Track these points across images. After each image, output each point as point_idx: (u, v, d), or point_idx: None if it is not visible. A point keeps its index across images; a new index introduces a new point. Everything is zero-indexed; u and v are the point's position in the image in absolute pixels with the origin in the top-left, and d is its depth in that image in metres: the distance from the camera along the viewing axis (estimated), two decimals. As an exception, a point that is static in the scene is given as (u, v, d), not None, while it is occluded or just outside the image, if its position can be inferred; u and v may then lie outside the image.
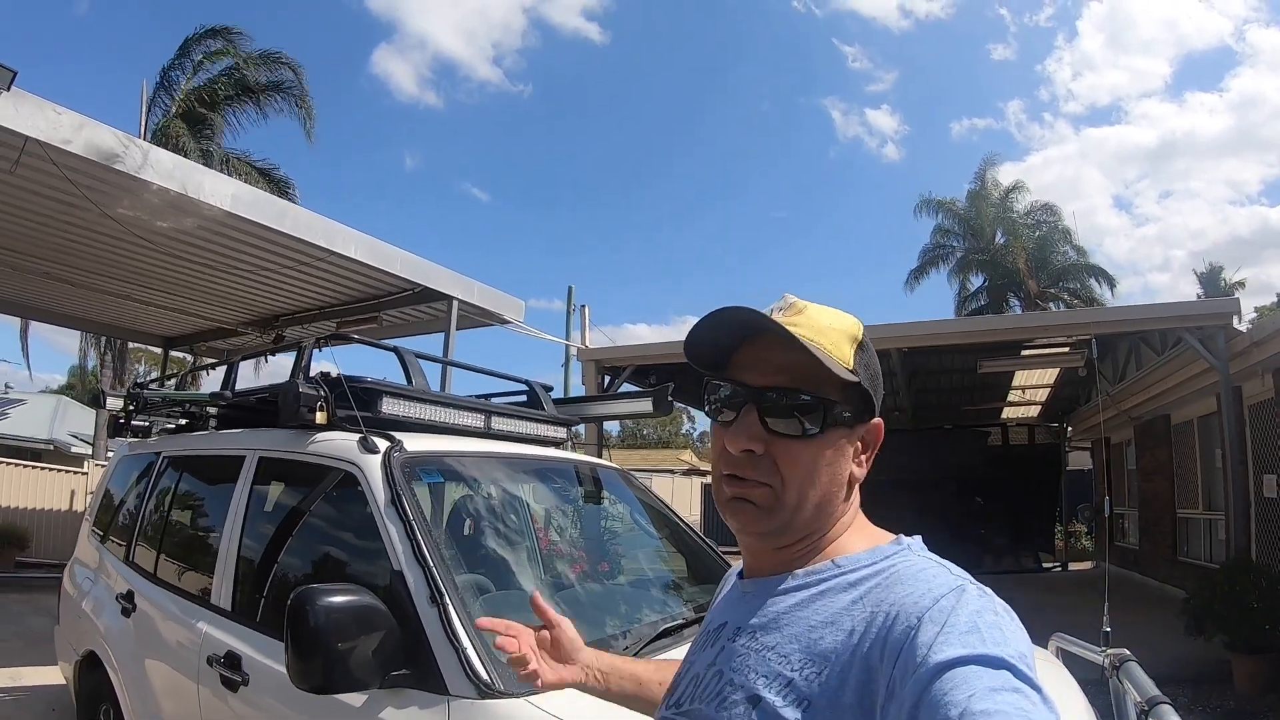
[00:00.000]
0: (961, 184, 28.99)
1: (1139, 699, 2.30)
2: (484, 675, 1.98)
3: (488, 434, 3.27)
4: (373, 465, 2.50)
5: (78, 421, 23.11)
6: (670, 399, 3.82)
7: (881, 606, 0.88)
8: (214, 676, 2.67)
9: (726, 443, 1.01)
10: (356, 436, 2.61)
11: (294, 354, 3.35)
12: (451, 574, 2.24)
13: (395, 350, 3.27)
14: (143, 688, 3.24)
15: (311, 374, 2.93)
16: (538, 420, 3.59)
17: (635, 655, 2.28)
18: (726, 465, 1.02)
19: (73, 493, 13.33)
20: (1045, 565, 17.17)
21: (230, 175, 12.33)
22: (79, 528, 4.84)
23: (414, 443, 2.70)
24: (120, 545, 4.03)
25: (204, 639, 2.83)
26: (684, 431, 57.69)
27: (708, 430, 1.30)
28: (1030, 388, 15.21)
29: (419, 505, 2.42)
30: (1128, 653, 2.64)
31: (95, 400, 5.37)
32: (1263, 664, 6.75)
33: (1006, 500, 16.63)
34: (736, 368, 1.04)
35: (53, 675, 5.27)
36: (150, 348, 15.94)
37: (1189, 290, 29.76)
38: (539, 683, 1.35)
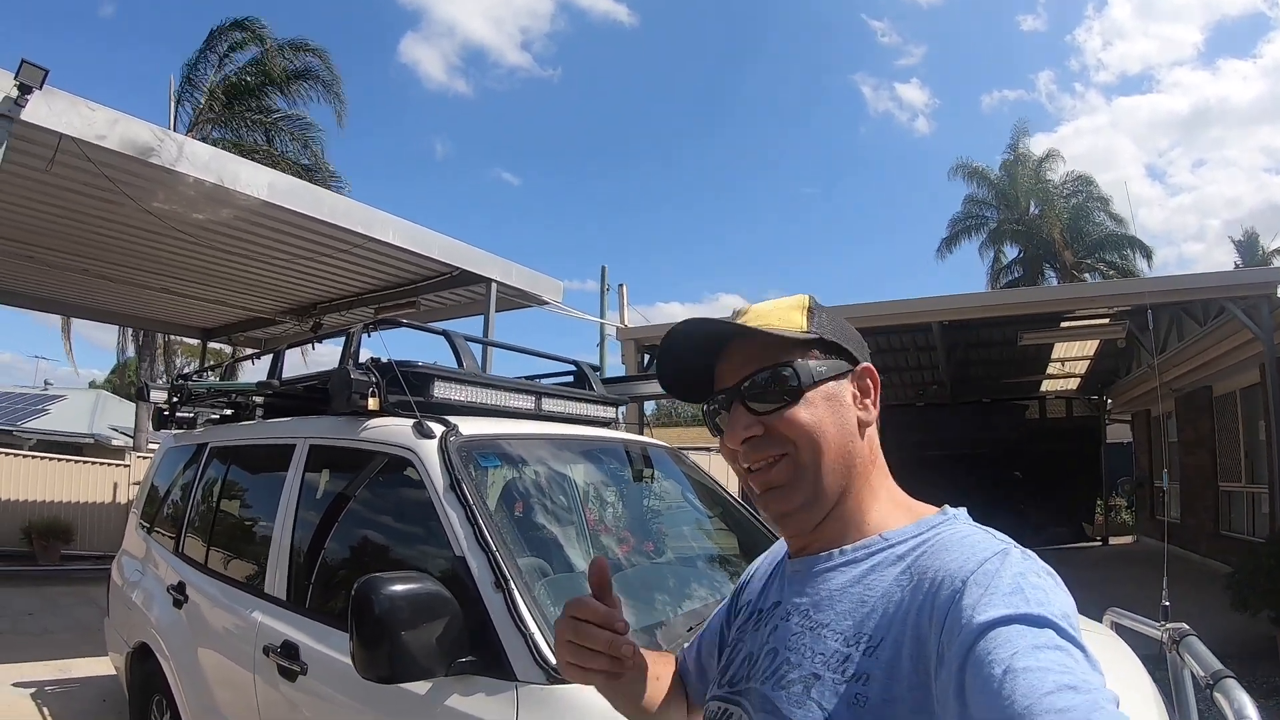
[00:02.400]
0: (993, 155, 28.74)
1: (1202, 674, 2.25)
2: (553, 660, 1.92)
3: (538, 415, 3.23)
4: (429, 450, 2.46)
5: (117, 415, 23.43)
6: None
7: (927, 574, 0.89)
8: (271, 666, 2.64)
9: (728, 441, 1.04)
10: (411, 422, 2.57)
11: (335, 341, 3.36)
12: (514, 558, 2.19)
13: (445, 334, 3.23)
14: (197, 678, 3.23)
15: (361, 360, 2.90)
16: (587, 400, 3.55)
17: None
18: (740, 462, 1.04)
19: (115, 485, 13.44)
20: (1085, 539, 17.01)
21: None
22: (123, 520, 4.87)
23: (468, 426, 2.65)
24: (169, 537, 4.02)
25: (259, 629, 2.81)
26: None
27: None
28: (1070, 360, 15.03)
29: (478, 490, 2.37)
30: (1187, 627, 2.57)
31: (140, 393, 5.37)
32: (1307, 640, 6.67)
33: (1046, 474, 16.52)
34: (718, 382, 1.07)
35: (102, 666, 5.31)
36: (187, 340, 16.01)
37: (1225, 259, 29.25)
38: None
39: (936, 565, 0.89)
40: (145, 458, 13.29)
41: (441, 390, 2.83)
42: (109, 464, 14.30)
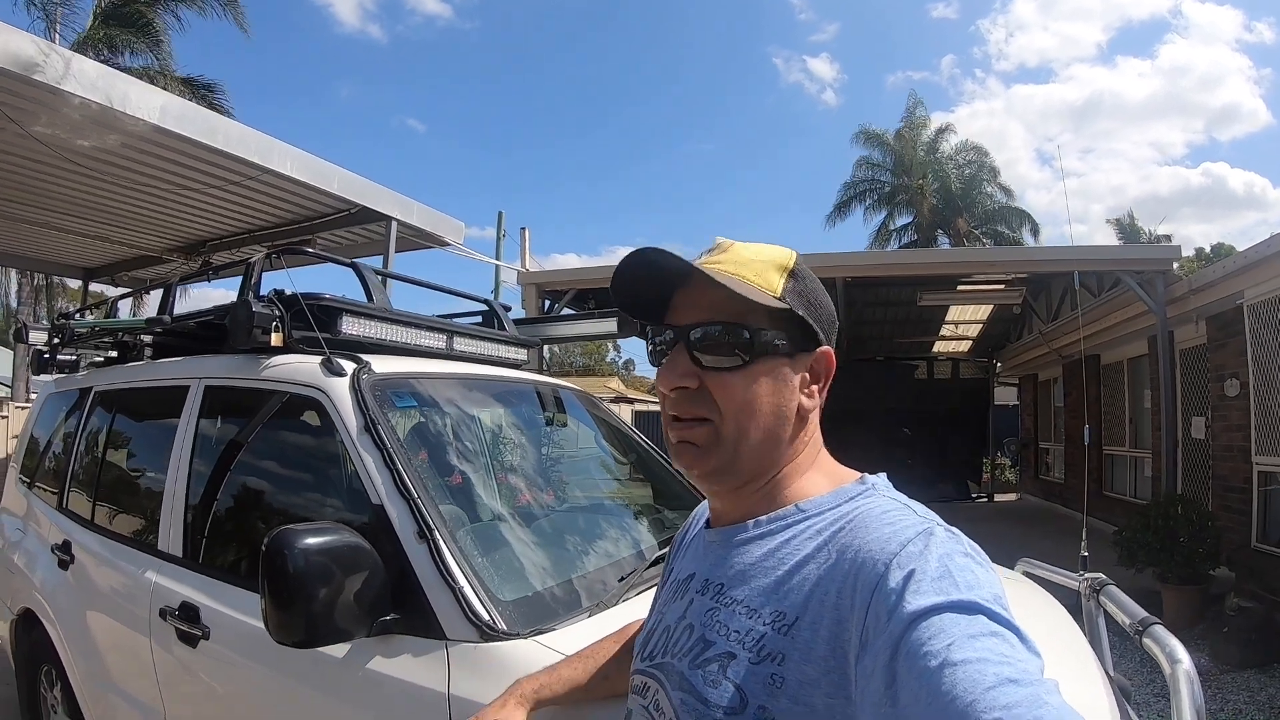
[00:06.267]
0: (894, 128, 29.12)
1: (1128, 620, 2.26)
2: (485, 616, 1.78)
3: (450, 355, 3.05)
4: (340, 389, 2.25)
5: (-6, 364, 22.09)
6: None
7: (847, 553, 0.87)
8: (169, 631, 2.42)
9: (660, 383, 1.02)
10: (318, 359, 2.36)
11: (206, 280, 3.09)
12: (437, 505, 2.02)
13: (353, 265, 3.00)
14: (87, 645, 2.97)
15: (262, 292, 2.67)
16: (500, 341, 3.39)
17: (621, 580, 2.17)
18: (668, 406, 1.03)
19: (-8, 439, 12.51)
20: (971, 496, 17.60)
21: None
22: (2, 476, 4.48)
23: (380, 365, 2.45)
24: (51, 492, 3.70)
25: (154, 590, 2.57)
26: (609, 359, 57.06)
27: (633, 360, 1.24)
28: (963, 323, 15.38)
29: (395, 432, 2.19)
30: (1104, 577, 2.61)
31: (19, 334, 4.90)
32: (1191, 595, 7.07)
33: (935, 432, 16.98)
34: (671, 313, 1.05)
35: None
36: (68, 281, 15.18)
37: (1106, 242, 30.47)
38: None
39: (857, 544, 0.87)
40: (24, 408, 12.48)
41: (350, 326, 2.61)
42: (-17, 416, 13.29)
